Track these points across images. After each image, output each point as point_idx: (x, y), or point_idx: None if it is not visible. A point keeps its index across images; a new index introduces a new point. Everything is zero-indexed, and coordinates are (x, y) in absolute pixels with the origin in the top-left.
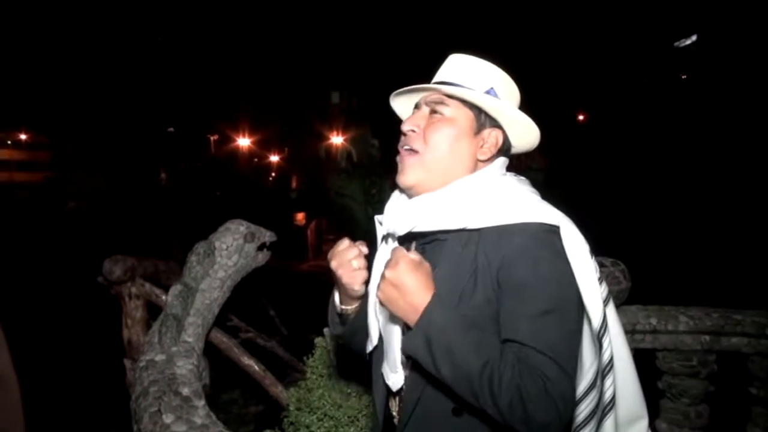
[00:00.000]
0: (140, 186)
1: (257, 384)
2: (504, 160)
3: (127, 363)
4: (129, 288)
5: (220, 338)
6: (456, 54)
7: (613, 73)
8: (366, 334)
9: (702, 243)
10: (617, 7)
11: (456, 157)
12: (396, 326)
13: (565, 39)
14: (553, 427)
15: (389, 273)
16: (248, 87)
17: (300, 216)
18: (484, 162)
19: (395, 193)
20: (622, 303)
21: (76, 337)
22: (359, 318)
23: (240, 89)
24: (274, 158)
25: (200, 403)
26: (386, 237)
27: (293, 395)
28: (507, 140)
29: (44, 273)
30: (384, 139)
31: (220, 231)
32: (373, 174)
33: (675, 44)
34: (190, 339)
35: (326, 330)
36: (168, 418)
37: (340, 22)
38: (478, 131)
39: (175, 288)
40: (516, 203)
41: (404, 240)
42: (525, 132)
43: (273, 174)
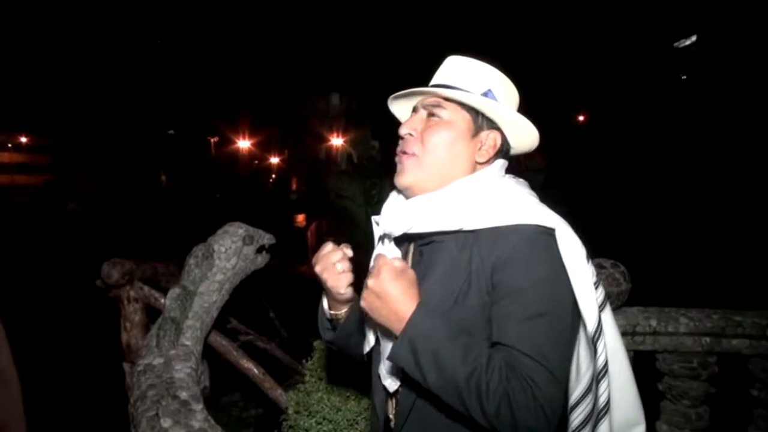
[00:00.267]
0: (140, 188)
1: (257, 387)
2: (503, 162)
3: (126, 367)
4: (127, 291)
5: (219, 341)
6: (453, 56)
7: (613, 74)
8: (360, 337)
9: (702, 244)
10: (617, 8)
11: (454, 160)
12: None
13: (565, 40)
14: None
15: (372, 282)
16: (248, 89)
17: (300, 218)
18: (483, 164)
19: (392, 194)
20: (622, 305)
21: (76, 341)
22: (350, 322)
23: (240, 91)
24: (274, 160)
25: (198, 407)
26: (383, 237)
27: (292, 398)
28: (506, 142)
29: (45, 275)
30: (384, 141)
31: (219, 234)
32: (374, 175)
33: (675, 45)
34: (189, 342)
35: None
36: (166, 423)
37: (340, 25)
38: (476, 134)
39: (174, 291)
40: (512, 205)
41: (402, 241)
42: (523, 133)
43: (273, 176)
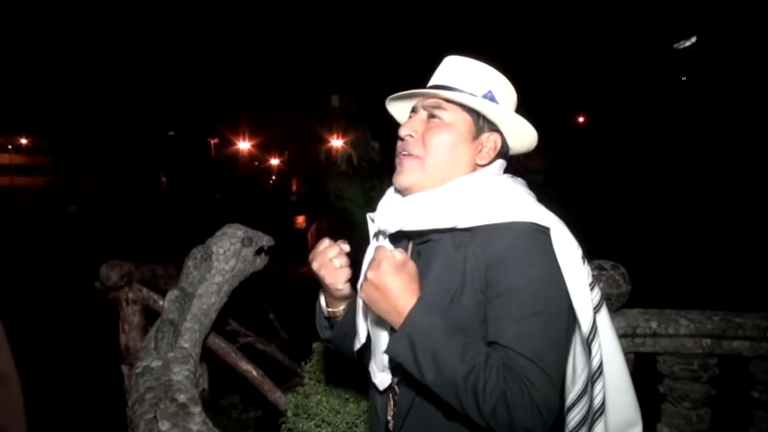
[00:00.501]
0: (141, 189)
1: (256, 389)
2: (502, 163)
3: (125, 369)
4: (126, 293)
5: (218, 343)
6: (452, 56)
7: (613, 75)
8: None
9: (702, 245)
10: (617, 9)
11: (455, 162)
12: (385, 325)
13: (565, 41)
14: None
15: (371, 274)
16: (248, 91)
17: (300, 219)
18: (483, 166)
19: (389, 191)
20: (622, 306)
21: (75, 342)
22: (348, 319)
23: (240, 93)
24: (275, 161)
25: (197, 410)
26: (377, 234)
27: (291, 401)
28: (505, 143)
29: (45, 277)
30: (384, 142)
31: (218, 235)
32: (374, 177)
33: (674, 46)
34: (187, 345)
35: None
36: (164, 426)
37: (340, 26)
38: (477, 136)
39: (172, 293)
40: (507, 202)
41: (401, 240)
42: (523, 134)
43: (273, 177)
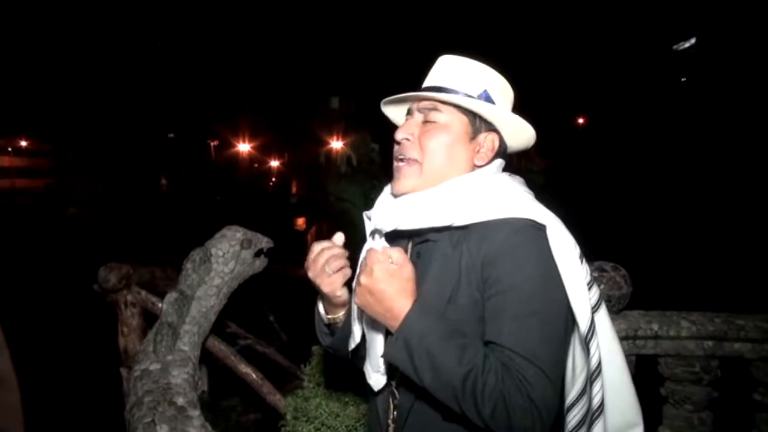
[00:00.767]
0: (140, 192)
1: (256, 391)
2: (500, 162)
3: (123, 372)
4: (125, 296)
5: (218, 346)
6: (446, 55)
7: (613, 76)
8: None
9: (703, 246)
10: (617, 11)
11: (453, 164)
12: (380, 327)
13: (565, 42)
14: None
15: (365, 280)
16: (248, 93)
17: (300, 221)
18: (481, 167)
19: (386, 189)
20: (624, 308)
21: (74, 345)
22: (348, 325)
23: (240, 95)
24: (274, 163)
25: (195, 414)
26: (374, 233)
27: (290, 404)
28: (503, 142)
29: (44, 279)
30: (383, 144)
31: (216, 238)
32: (374, 178)
33: (674, 47)
34: (186, 347)
35: None
36: (162, 429)
37: (339, 28)
38: (474, 136)
39: (171, 296)
40: (503, 199)
41: (401, 240)
42: (520, 133)
43: (273, 179)
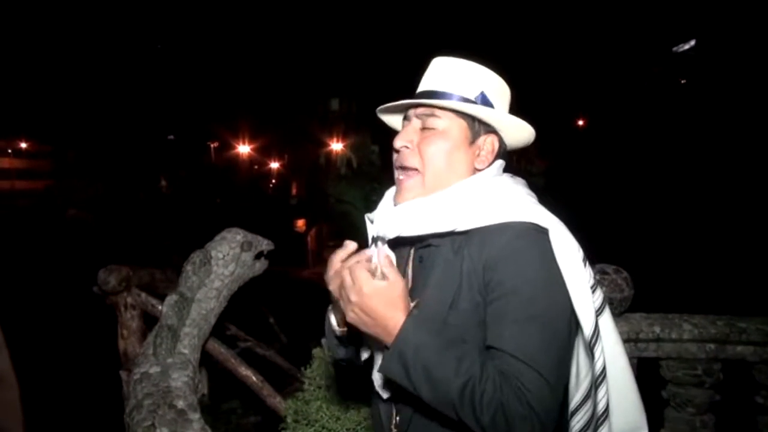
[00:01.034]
0: (140, 193)
1: (256, 394)
2: (501, 163)
3: (123, 375)
4: (124, 298)
5: (218, 348)
6: (440, 57)
7: (613, 78)
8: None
9: (705, 249)
10: (616, 12)
11: (454, 170)
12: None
13: (565, 44)
14: None
15: (354, 298)
16: (248, 94)
17: (300, 222)
18: (482, 170)
19: (388, 194)
20: (625, 311)
21: (73, 348)
22: (359, 335)
23: (240, 96)
24: (274, 165)
25: (195, 417)
26: (376, 240)
27: (290, 407)
28: (502, 142)
29: (44, 281)
30: (384, 146)
31: (217, 240)
32: (374, 180)
33: (674, 49)
34: (186, 350)
35: (324, 340)
36: None
37: (339, 29)
38: (473, 140)
39: (171, 298)
40: (505, 202)
41: (403, 245)
42: (519, 132)
43: (273, 181)
